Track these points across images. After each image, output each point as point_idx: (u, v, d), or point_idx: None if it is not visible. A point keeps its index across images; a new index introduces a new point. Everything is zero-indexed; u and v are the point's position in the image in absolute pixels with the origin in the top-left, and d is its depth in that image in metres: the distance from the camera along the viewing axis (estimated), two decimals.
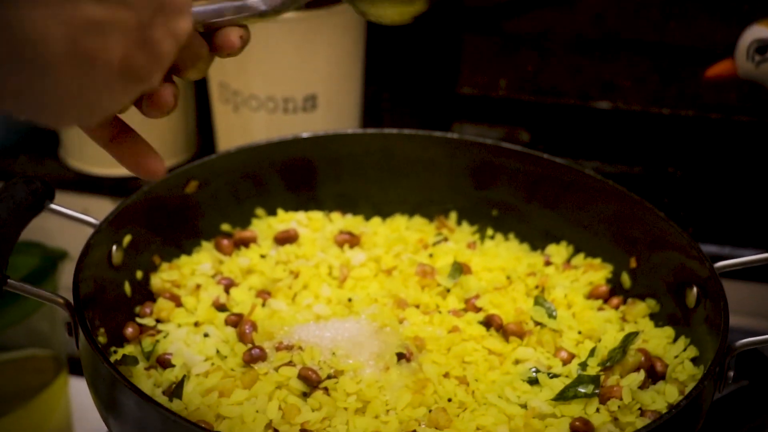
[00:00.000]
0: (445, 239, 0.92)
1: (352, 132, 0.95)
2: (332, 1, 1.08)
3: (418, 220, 0.95)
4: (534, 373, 0.75)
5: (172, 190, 0.87)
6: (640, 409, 0.72)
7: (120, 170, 1.14)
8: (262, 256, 0.88)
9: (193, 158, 1.22)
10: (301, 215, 0.92)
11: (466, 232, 0.94)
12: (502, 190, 0.93)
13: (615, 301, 0.85)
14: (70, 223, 0.80)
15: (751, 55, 1.00)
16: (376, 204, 0.95)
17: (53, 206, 0.78)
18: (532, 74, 1.25)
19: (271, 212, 0.93)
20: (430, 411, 0.71)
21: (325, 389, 0.72)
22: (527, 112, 1.26)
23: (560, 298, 0.83)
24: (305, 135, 0.93)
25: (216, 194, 0.90)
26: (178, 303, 0.82)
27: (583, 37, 1.24)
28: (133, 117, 1.14)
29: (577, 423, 0.70)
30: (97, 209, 1.19)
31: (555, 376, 0.75)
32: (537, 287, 0.85)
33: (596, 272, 0.87)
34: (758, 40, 1.00)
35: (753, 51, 1.00)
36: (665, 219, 0.83)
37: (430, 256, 0.88)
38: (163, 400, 0.71)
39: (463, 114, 1.27)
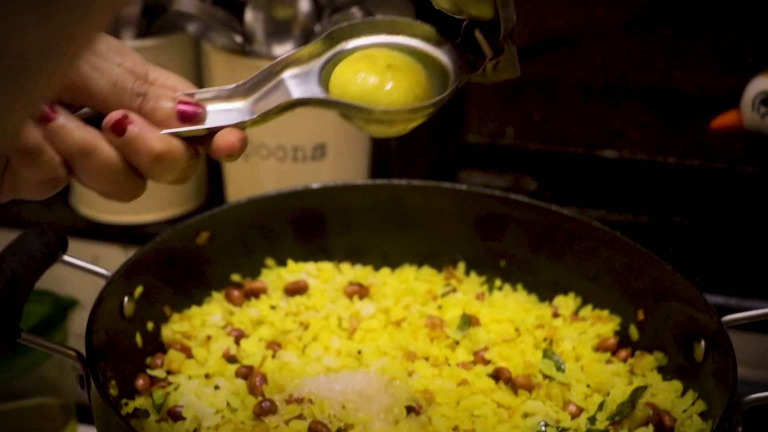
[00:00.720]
0: (454, 290, 0.92)
1: (361, 183, 0.97)
2: None
3: (427, 271, 0.95)
4: (543, 427, 0.76)
5: (184, 241, 0.88)
6: None
7: (130, 218, 1.16)
8: (272, 307, 0.88)
9: (203, 205, 1.22)
10: (310, 266, 0.93)
11: (474, 282, 0.94)
12: (509, 241, 0.94)
13: (623, 353, 0.85)
14: (81, 271, 0.81)
15: (757, 107, 1.01)
16: (386, 254, 0.96)
17: (66, 258, 0.80)
18: (539, 122, 1.26)
19: (281, 262, 0.94)
20: None
21: None
22: (534, 160, 1.27)
23: (568, 351, 0.84)
24: (315, 186, 0.94)
25: (226, 244, 0.91)
26: (189, 354, 0.82)
27: (589, 85, 1.25)
28: None
29: None
30: (108, 256, 1.20)
31: (564, 430, 0.76)
32: (545, 339, 0.86)
33: (604, 324, 0.88)
34: (764, 92, 1.01)
35: (758, 102, 1.01)
36: (672, 271, 0.84)
37: (439, 307, 0.89)
38: None
39: (471, 162, 1.28)
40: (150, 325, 0.84)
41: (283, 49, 1.08)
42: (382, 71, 0.63)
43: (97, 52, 0.59)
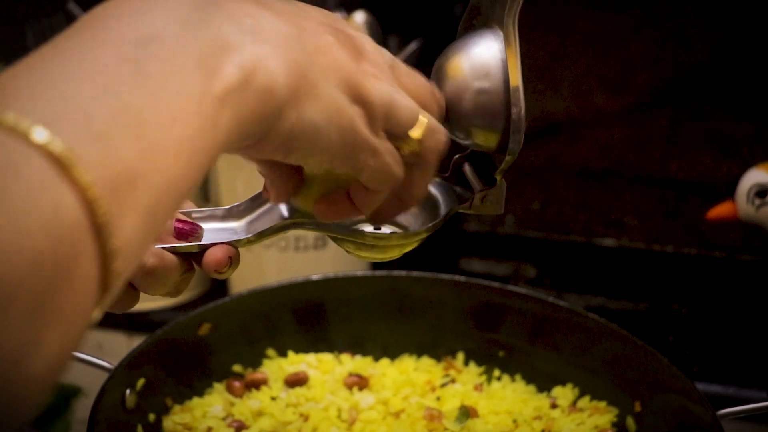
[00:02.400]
0: (453, 381, 0.93)
1: (361, 274, 0.98)
2: None
3: (426, 361, 0.96)
4: None
5: (186, 332, 0.89)
6: None
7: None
8: (273, 398, 0.89)
9: (206, 294, 1.24)
10: (311, 357, 0.94)
11: (473, 373, 0.95)
12: (507, 331, 0.95)
13: None
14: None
15: (751, 199, 1.03)
16: (386, 344, 0.97)
17: None
18: (538, 211, 1.28)
19: (282, 353, 0.95)
20: None
21: None
22: (534, 248, 1.28)
23: None
24: (315, 277, 0.95)
25: (228, 335, 0.92)
26: None
27: (588, 172, 1.27)
28: None
29: None
30: (112, 343, 1.21)
31: None
32: (543, 431, 0.86)
33: (602, 415, 0.88)
34: (758, 184, 1.02)
35: (753, 195, 1.03)
36: (668, 363, 0.85)
37: (438, 398, 0.90)
38: None
39: (471, 250, 1.29)
40: (152, 417, 0.85)
41: None
42: None
43: None
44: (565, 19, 1.26)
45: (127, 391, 0.82)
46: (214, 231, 0.63)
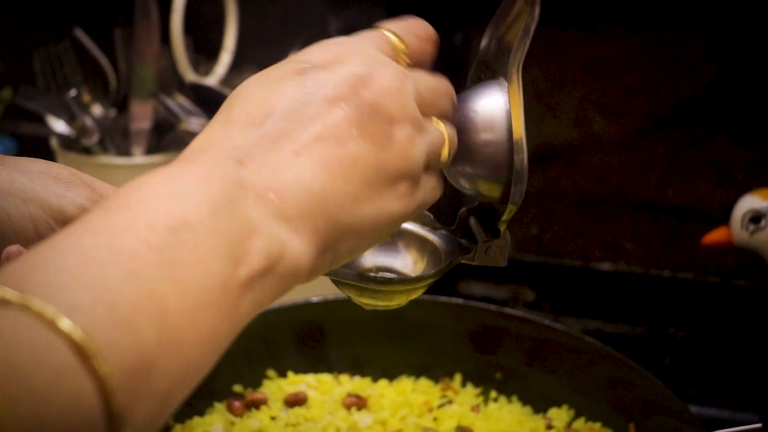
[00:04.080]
0: (450, 402, 0.94)
1: None
2: None
3: (424, 382, 0.97)
4: None
5: None
6: None
7: None
8: (273, 418, 0.91)
9: None
10: (310, 378, 0.96)
11: (470, 394, 0.96)
12: (504, 354, 0.96)
13: None
14: None
15: (746, 225, 1.04)
16: (384, 366, 0.98)
17: None
18: (537, 235, 1.29)
19: (282, 373, 0.96)
20: None
21: None
22: (532, 272, 1.30)
23: None
24: (316, 299, 0.97)
25: (229, 356, 0.92)
26: None
27: (586, 197, 1.28)
28: None
29: None
30: None
31: None
32: None
33: None
34: (752, 210, 1.04)
35: (747, 221, 1.04)
36: (661, 385, 0.86)
37: (435, 419, 0.91)
38: None
39: (470, 272, 1.30)
40: None
41: None
42: None
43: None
44: (565, 46, 1.28)
45: None
46: None
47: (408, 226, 0.70)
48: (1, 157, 0.60)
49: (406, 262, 0.69)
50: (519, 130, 0.61)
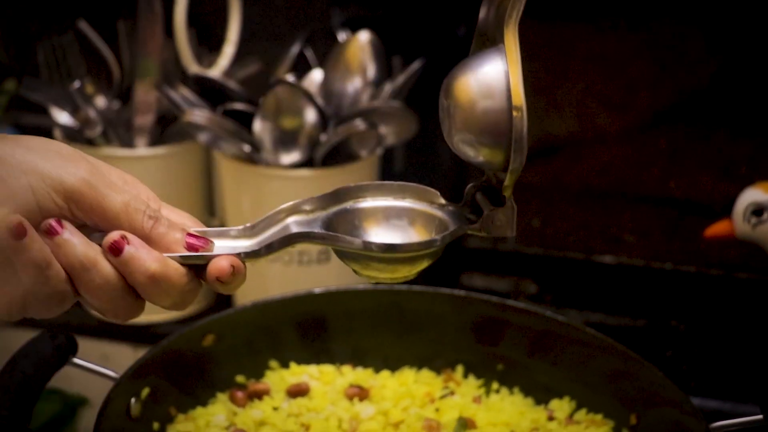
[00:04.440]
0: (452, 393, 0.95)
1: (363, 288, 0.99)
2: (346, 160, 1.14)
3: (426, 374, 0.98)
4: None
5: (190, 343, 0.91)
6: None
7: (139, 318, 1.18)
8: (275, 409, 0.91)
9: (210, 307, 1.25)
10: (313, 368, 0.96)
11: (472, 385, 0.96)
12: (506, 345, 0.97)
13: None
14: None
15: (748, 218, 1.04)
16: (386, 357, 0.98)
17: (76, 360, 0.83)
18: (539, 228, 1.29)
19: (284, 364, 0.96)
20: None
21: None
22: (535, 264, 1.30)
23: None
24: (318, 290, 0.97)
25: (232, 347, 0.94)
26: None
27: (588, 190, 1.28)
28: None
29: None
30: (118, 354, 1.23)
31: None
32: None
33: (598, 428, 0.90)
34: (754, 203, 1.04)
35: (749, 213, 1.04)
36: (662, 377, 0.86)
37: (437, 410, 0.91)
38: None
39: (472, 265, 1.31)
40: (156, 426, 0.87)
41: (289, 158, 1.12)
42: None
43: (112, 180, 0.62)
44: (568, 40, 1.28)
45: (132, 401, 0.84)
46: (224, 248, 0.65)
47: (414, 204, 0.69)
48: (2, 135, 0.61)
49: (411, 238, 0.68)
50: (518, 93, 0.61)
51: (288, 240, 0.65)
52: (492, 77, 0.62)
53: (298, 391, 0.92)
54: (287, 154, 1.12)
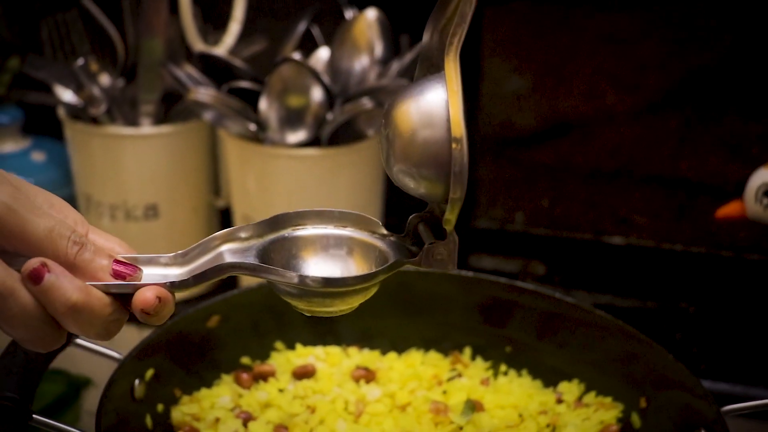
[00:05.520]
0: (459, 375, 0.94)
1: None
2: (353, 139, 1.12)
3: (434, 355, 0.97)
4: None
5: (195, 324, 0.90)
6: None
7: None
8: (281, 390, 0.90)
9: (215, 289, 1.24)
10: (319, 350, 0.95)
11: (480, 367, 0.96)
12: (515, 327, 0.96)
13: None
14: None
15: (760, 198, 1.03)
16: (393, 339, 0.97)
17: (79, 341, 0.82)
18: (548, 209, 1.28)
19: (290, 346, 0.95)
20: None
21: None
22: (543, 245, 1.29)
23: None
24: None
25: (237, 328, 0.93)
26: None
27: (598, 171, 1.27)
28: (156, 242, 1.18)
29: None
30: (121, 336, 1.21)
31: None
32: (548, 425, 0.87)
33: (607, 411, 0.89)
34: (766, 184, 1.03)
35: (761, 194, 1.03)
36: (673, 360, 0.85)
37: (444, 392, 0.90)
38: None
39: (480, 246, 1.30)
40: (160, 407, 0.86)
41: (295, 137, 1.11)
42: None
43: (36, 204, 0.59)
44: (576, 18, 1.27)
45: (136, 382, 0.83)
46: (154, 276, 0.62)
47: (354, 233, 0.68)
48: None
49: (350, 269, 0.67)
50: (458, 124, 0.59)
51: (219, 270, 0.63)
52: (432, 106, 0.60)
53: (303, 373, 0.92)
54: (293, 133, 1.11)
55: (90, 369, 1.12)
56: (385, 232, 0.68)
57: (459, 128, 0.59)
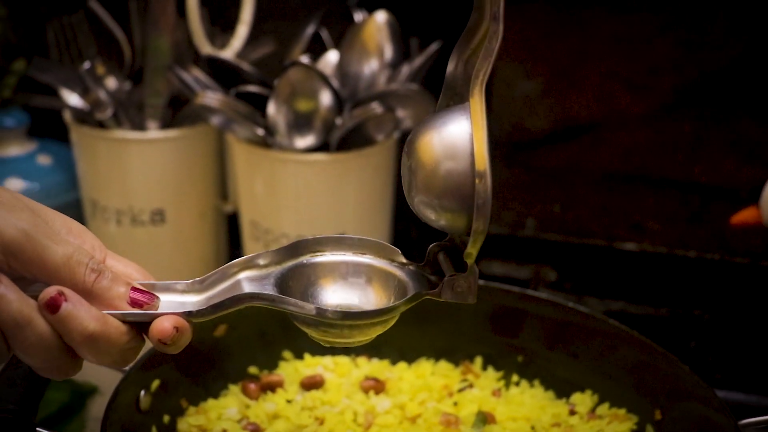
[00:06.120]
0: (471, 386, 0.92)
1: None
2: (362, 144, 1.11)
3: (444, 365, 0.95)
4: None
5: (202, 333, 0.88)
6: None
7: None
8: (288, 401, 0.89)
9: None
10: (327, 360, 0.93)
11: (491, 377, 0.94)
12: (526, 336, 0.94)
13: None
14: None
15: None
16: (403, 348, 0.96)
17: None
18: (559, 214, 1.27)
19: (299, 355, 0.94)
20: None
21: None
22: (554, 251, 1.27)
23: None
24: None
25: (244, 337, 0.91)
26: None
27: (610, 175, 1.26)
28: (163, 248, 1.16)
29: None
30: None
31: None
32: None
33: (621, 423, 0.87)
34: None
35: None
36: (689, 372, 0.83)
37: (455, 404, 0.89)
38: None
39: (491, 252, 1.28)
40: (166, 418, 0.84)
41: (304, 142, 1.09)
42: None
43: (55, 230, 0.59)
44: (589, 19, 1.25)
45: (142, 393, 0.82)
46: (171, 303, 0.62)
47: (373, 261, 0.67)
48: None
49: (368, 299, 0.66)
50: (482, 158, 0.59)
51: (237, 300, 0.63)
52: (456, 138, 0.60)
53: (312, 384, 0.90)
54: (302, 138, 1.09)
55: (96, 377, 1.10)
56: (404, 260, 0.68)
57: (483, 163, 0.59)
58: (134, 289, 0.61)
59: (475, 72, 0.59)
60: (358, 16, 1.20)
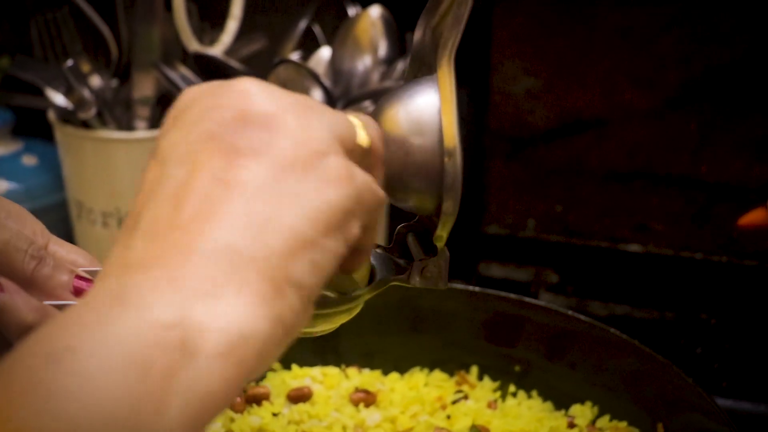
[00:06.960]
0: (465, 397, 0.89)
1: None
2: None
3: (438, 375, 0.92)
4: None
5: None
6: None
7: None
8: (275, 415, 0.85)
9: None
10: (316, 371, 0.90)
11: (487, 388, 0.91)
12: (524, 345, 0.91)
13: None
14: None
15: None
16: (396, 357, 0.93)
17: None
18: (561, 214, 1.23)
19: (286, 365, 0.91)
20: None
21: None
22: (556, 252, 1.24)
23: None
24: None
25: None
26: None
27: (614, 173, 1.22)
28: None
29: None
30: None
31: None
32: None
33: None
34: None
35: None
36: (693, 384, 0.80)
37: (448, 417, 0.85)
38: None
39: (490, 254, 1.25)
40: None
41: None
42: None
43: None
44: (594, 13, 1.22)
45: None
46: None
47: None
48: None
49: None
50: (451, 134, 0.54)
51: None
52: (423, 112, 0.55)
53: (299, 396, 0.87)
54: None
55: None
56: None
57: (452, 140, 0.54)
58: (78, 277, 0.57)
59: (443, 41, 0.54)
60: (352, 11, 1.17)
